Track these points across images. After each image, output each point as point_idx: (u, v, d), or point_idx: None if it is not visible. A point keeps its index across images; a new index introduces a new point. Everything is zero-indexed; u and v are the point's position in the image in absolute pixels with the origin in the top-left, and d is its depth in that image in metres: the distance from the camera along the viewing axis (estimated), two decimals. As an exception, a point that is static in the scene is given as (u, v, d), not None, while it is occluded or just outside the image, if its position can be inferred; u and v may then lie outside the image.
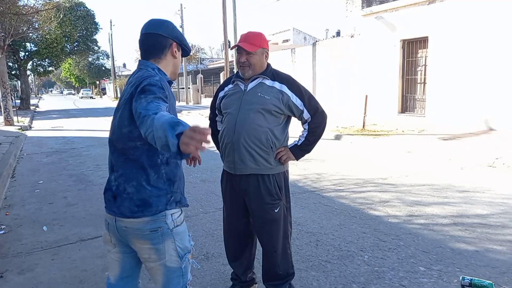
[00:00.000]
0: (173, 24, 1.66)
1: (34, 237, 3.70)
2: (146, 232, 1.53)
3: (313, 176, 5.71)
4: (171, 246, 1.57)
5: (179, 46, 1.67)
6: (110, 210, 1.60)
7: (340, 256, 3.09)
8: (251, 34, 2.20)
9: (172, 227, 1.57)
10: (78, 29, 27.14)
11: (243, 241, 2.45)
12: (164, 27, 1.61)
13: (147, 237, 1.54)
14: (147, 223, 1.53)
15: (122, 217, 1.55)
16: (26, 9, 11.59)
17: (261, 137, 2.15)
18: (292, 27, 28.83)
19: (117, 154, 1.56)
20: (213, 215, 4.14)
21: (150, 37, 1.60)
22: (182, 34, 1.67)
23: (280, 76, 2.23)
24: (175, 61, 1.66)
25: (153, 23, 1.62)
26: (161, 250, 1.56)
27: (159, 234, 1.54)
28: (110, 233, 1.64)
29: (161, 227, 1.55)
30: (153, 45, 1.60)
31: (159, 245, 1.55)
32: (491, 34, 8.86)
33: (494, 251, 3.10)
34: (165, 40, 1.60)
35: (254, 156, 2.17)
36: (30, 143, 10.26)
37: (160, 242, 1.55)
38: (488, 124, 9.09)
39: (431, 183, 5.14)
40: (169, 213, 1.57)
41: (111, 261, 1.70)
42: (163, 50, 1.60)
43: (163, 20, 1.65)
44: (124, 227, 1.57)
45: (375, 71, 12.13)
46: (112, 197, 1.58)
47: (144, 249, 1.57)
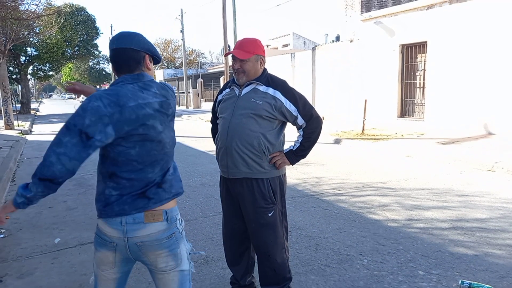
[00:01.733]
0: (143, 36, 1.63)
1: (34, 241, 3.70)
2: (164, 240, 1.55)
3: (312, 180, 5.72)
4: (184, 248, 1.63)
5: (151, 58, 1.63)
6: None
7: (339, 260, 3.09)
8: (246, 41, 2.21)
9: (181, 230, 1.64)
10: (79, 33, 27.25)
11: (242, 245, 2.46)
12: (136, 41, 1.57)
13: (165, 245, 1.56)
14: (164, 232, 1.55)
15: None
16: (27, 14, 11.64)
17: (253, 142, 2.17)
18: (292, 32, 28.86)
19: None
20: (212, 219, 4.15)
21: (122, 52, 1.55)
22: (152, 44, 1.65)
23: (274, 82, 2.24)
24: (149, 72, 1.63)
25: (124, 37, 1.57)
26: (178, 255, 1.60)
27: (174, 239, 1.58)
28: (117, 253, 1.59)
29: (174, 232, 1.59)
30: (127, 60, 1.55)
31: (176, 250, 1.59)
32: (490, 39, 8.91)
33: (493, 255, 3.10)
34: (138, 54, 1.56)
35: (247, 161, 2.19)
36: (30, 147, 10.27)
37: (177, 246, 1.59)
38: (487, 128, 9.11)
39: (430, 187, 5.15)
40: (178, 217, 1.62)
41: (104, 281, 1.65)
42: (138, 64, 1.57)
43: (133, 32, 1.61)
44: (139, 242, 1.53)
45: (374, 76, 12.17)
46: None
47: (161, 259, 1.57)
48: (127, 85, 1.52)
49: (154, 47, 1.67)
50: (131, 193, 1.53)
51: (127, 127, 1.45)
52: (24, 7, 11.33)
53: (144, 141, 1.50)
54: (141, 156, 1.51)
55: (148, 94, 1.53)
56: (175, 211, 1.61)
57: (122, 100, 1.45)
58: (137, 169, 1.52)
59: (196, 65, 36.64)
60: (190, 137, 11.35)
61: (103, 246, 1.59)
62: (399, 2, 13.37)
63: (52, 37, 21.51)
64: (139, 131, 1.48)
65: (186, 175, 6.19)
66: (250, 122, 2.17)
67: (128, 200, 1.52)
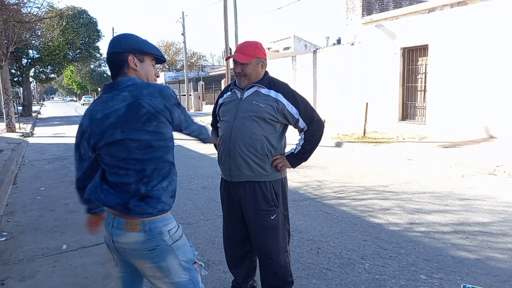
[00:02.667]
0: (132, 36, 1.58)
1: (36, 244, 3.71)
2: (145, 252, 1.52)
3: (314, 184, 5.72)
4: (174, 261, 1.54)
5: (142, 56, 1.58)
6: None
7: (341, 264, 3.09)
8: (246, 44, 2.22)
9: (171, 243, 1.54)
10: (81, 36, 27.32)
11: (242, 248, 2.45)
12: (119, 43, 1.55)
13: (147, 257, 1.53)
14: (144, 243, 1.51)
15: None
16: (29, 16, 11.69)
17: (256, 145, 2.17)
18: (293, 35, 28.89)
19: None
20: (214, 222, 4.15)
21: (109, 57, 1.57)
22: (142, 42, 1.58)
23: (276, 85, 2.25)
24: (138, 72, 1.58)
25: (112, 41, 1.57)
26: (165, 267, 1.54)
27: (158, 252, 1.52)
28: (112, 252, 1.64)
29: (159, 245, 1.52)
30: (111, 65, 1.56)
31: (160, 263, 1.53)
32: (491, 42, 8.92)
33: (495, 259, 3.10)
34: (121, 56, 1.54)
35: (250, 164, 2.19)
36: (31, 149, 10.30)
37: (162, 260, 1.53)
38: (489, 132, 9.10)
39: (432, 191, 5.14)
40: (165, 230, 1.54)
41: (114, 278, 1.72)
42: (120, 68, 1.55)
43: (122, 34, 1.59)
44: (121, 248, 1.55)
45: (376, 79, 12.18)
46: None
47: (147, 268, 1.56)
48: (103, 95, 1.57)
49: (145, 45, 1.59)
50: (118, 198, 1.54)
51: (92, 140, 1.54)
52: (26, 10, 11.39)
53: (109, 148, 1.51)
54: (112, 163, 1.52)
55: (117, 100, 1.50)
56: (159, 222, 1.53)
57: (93, 114, 1.55)
58: (115, 173, 1.53)
59: (198, 68, 36.70)
60: (191, 140, 11.35)
61: (106, 243, 1.68)
62: (400, 5, 13.40)
63: (54, 39, 21.59)
64: (103, 142, 1.52)
65: (187, 178, 6.19)
66: (253, 125, 2.18)
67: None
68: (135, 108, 1.47)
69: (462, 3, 9.51)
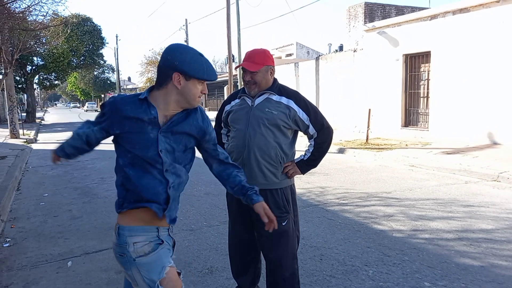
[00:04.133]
0: (179, 54, 1.54)
1: (39, 250, 3.71)
2: (117, 254, 1.56)
3: (317, 190, 5.71)
4: (138, 276, 1.52)
5: (187, 76, 1.54)
6: None
7: (344, 271, 3.08)
8: (255, 52, 2.24)
9: (135, 256, 1.51)
10: (85, 43, 27.58)
11: (248, 255, 2.45)
12: (166, 58, 1.55)
13: (119, 260, 1.57)
14: (116, 246, 1.56)
15: None
16: (34, 24, 11.82)
17: (271, 153, 2.19)
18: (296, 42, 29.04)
19: None
20: (217, 228, 4.15)
21: (158, 66, 1.60)
22: (188, 63, 1.53)
23: (286, 91, 2.27)
24: (179, 90, 1.55)
25: (163, 52, 1.58)
26: (132, 276, 1.54)
27: (125, 260, 1.53)
28: None
29: (125, 254, 1.53)
30: (160, 74, 1.58)
31: (128, 271, 1.55)
32: (493, 48, 8.93)
33: (500, 266, 3.08)
34: (167, 70, 1.55)
35: (264, 172, 2.20)
36: (35, 156, 10.34)
37: (128, 269, 1.54)
38: (492, 138, 9.07)
39: (435, 198, 5.13)
40: (130, 241, 1.52)
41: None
42: (166, 79, 1.55)
43: (172, 47, 1.58)
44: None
45: (378, 85, 12.20)
46: None
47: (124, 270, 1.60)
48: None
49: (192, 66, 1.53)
50: None
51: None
52: (32, 18, 11.51)
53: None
54: None
55: None
56: (128, 231, 1.54)
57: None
58: None
59: (200, 75, 36.81)
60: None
61: None
62: (402, 12, 13.47)
63: (59, 47, 21.78)
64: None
65: (190, 184, 6.19)
66: (267, 132, 2.19)
67: None
68: None
69: (464, 10, 9.55)
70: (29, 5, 10.13)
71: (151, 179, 1.55)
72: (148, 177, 1.55)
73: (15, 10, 10.32)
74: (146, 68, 45.46)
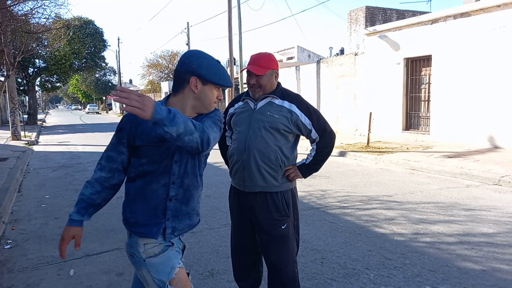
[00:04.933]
0: (197, 59, 1.57)
1: (40, 252, 3.71)
2: (129, 254, 1.62)
3: (317, 193, 5.71)
4: (148, 276, 1.56)
5: (204, 80, 1.57)
6: None
7: (345, 274, 3.07)
8: (260, 56, 2.25)
9: (145, 257, 1.55)
10: (87, 46, 27.66)
11: (250, 258, 2.44)
12: (184, 62, 1.58)
13: (131, 260, 1.63)
14: (127, 246, 1.63)
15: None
16: (37, 27, 11.87)
17: (271, 156, 2.19)
18: (297, 45, 29.04)
19: None
20: (218, 231, 4.14)
21: (175, 71, 1.61)
22: (206, 67, 1.56)
23: (289, 95, 2.28)
24: (196, 95, 1.58)
25: (181, 58, 1.62)
26: (142, 276, 1.59)
27: (135, 260, 1.59)
28: None
29: (135, 254, 1.58)
30: (176, 79, 1.60)
31: (139, 271, 1.60)
32: (494, 52, 8.94)
33: (501, 270, 3.07)
34: (184, 75, 1.57)
35: (264, 175, 2.20)
36: (36, 157, 10.35)
37: (139, 268, 1.59)
38: (493, 142, 9.07)
39: (436, 201, 5.12)
40: (141, 242, 1.58)
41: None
42: (183, 83, 1.58)
43: (190, 53, 1.61)
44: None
45: (379, 89, 12.21)
46: None
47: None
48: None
49: (209, 71, 1.56)
50: None
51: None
52: (34, 21, 11.56)
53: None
54: None
55: None
56: None
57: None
58: None
59: (201, 77, 36.90)
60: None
61: None
62: (403, 16, 13.51)
63: (61, 49, 21.85)
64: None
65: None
66: (268, 136, 2.19)
67: None
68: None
69: (465, 15, 9.57)
70: (32, 7, 10.17)
71: (151, 193, 1.59)
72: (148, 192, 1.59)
73: (18, 13, 10.37)
74: (147, 70, 45.58)
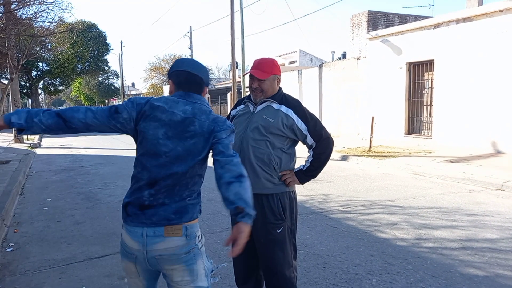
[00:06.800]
0: (208, 72, 1.83)
1: (42, 255, 3.72)
2: (182, 255, 1.60)
3: (319, 197, 5.70)
4: (201, 265, 1.66)
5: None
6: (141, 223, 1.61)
7: (348, 279, 3.06)
8: (264, 61, 2.29)
9: (200, 246, 1.67)
10: (90, 49, 27.83)
11: (250, 262, 2.44)
12: (205, 73, 1.75)
13: (183, 260, 1.61)
14: (182, 247, 1.60)
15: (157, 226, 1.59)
16: (40, 31, 11.95)
17: (264, 158, 2.21)
18: (299, 49, 29.08)
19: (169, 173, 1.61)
20: (219, 235, 4.14)
21: (193, 78, 1.72)
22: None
23: (288, 101, 2.31)
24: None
25: (199, 66, 1.75)
26: (194, 270, 1.63)
27: (192, 255, 1.63)
28: (138, 265, 1.66)
29: (193, 248, 1.63)
30: (194, 84, 1.72)
31: (193, 265, 1.63)
32: (497, 57, 8.93)
33: (504, 276, 3.05)
34: (202, 83, 1.74)
35: (258, 176, 2.22)
36: (39, 160, 10.39)
37: (194, 262, 1.63)
38: (496, 147, 9.04)
39: (439, 206, 5.10)
40: (197, 234, 1.66)
41: (134, 285, 1.74)
42: (199, 89, 1.74)
43: (204, 66, 1.81)
44: (157, 255, 1.60)
45: (381, 93, 12.21)
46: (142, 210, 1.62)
47: (177, 273, 1.62)
48: (173, 98, 1.70)
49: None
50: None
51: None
52: (38, 24, 11.64)
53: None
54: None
55: (180, 108, 1.65)
56: (195, 227, 1.66)
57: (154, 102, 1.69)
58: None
59: (204, 81, 37.06)
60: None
61: (125, 256, 1.68)
62: (406, 21, 13.53)
63: (64, 52, 21.97)
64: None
65: (193, 191, 6.19)
66: (262, 138, 2.23)
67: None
68: (188, 122, 1.62)
69: (467, 19, 9.58)
70: (36, 11, 10.25)
71: None
72: None
73: (22, 17, 10.44)
74: (150, 74, 45.69)
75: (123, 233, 1.66)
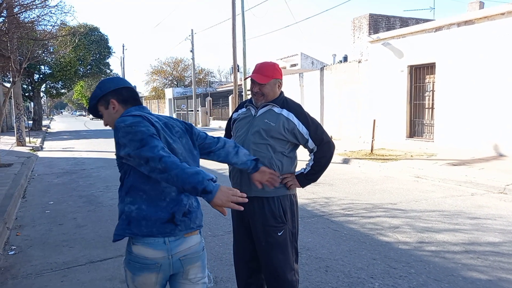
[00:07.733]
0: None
1: (44, 258, 3.72)
2: (200, 252, 1.73)
3: (321, 200, 5.69)
4: (205, 262, 1.77)
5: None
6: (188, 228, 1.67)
7: (350, 283, 3.05)
8: (265, 65, 2.29)
9: (203, 245, 1.77)
10: (92, 53, 27.89)
11: (251, 265, 2.44)
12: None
13: (201, 257, 1.73)
14: (199, 244, 1.72)
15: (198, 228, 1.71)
16: (43, 34, 11.99)
17: (265, 161, 2.21)
18: (300, 52, 29.14)
19: None
20: (221, 238, 4.14)
21: (134, 90, 1.82)
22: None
23: (289, 105, 2.31)
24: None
25: (126, 80, 1.85)
26: (204, 266, 1.75)
27: (204, 252, 1.77)
28: (160, 273, 1.62)
29: (204, 245, 1.76)
30: (138, 96, 1.83)
31: (205, 261, 1.76)
32: (498, 60, 8.93)
33: (507, 280, 3.04)
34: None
35: None
36: (41, 163, 10.41)
37: (205, 258, 1.76)
38: (498, 150, 9.02)
39: (441, 209, 5.09)
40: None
41: None
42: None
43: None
44: (182, 257, 1.65)
45: (383, 96, 12.21)
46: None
47: (193, 269, 1.70)
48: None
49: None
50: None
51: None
52: (40, 28, 11.68)
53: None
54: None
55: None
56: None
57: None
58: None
59: (205, 84, 37.17)
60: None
61: (144, 269, 1.60)
62: (407, 24, 13.53)
63: (66, 56, 22.02)
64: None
65: (194, 194, 6.19)
66: (263, 142, 2.23)
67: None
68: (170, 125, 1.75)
69: (469, 22, 9.58)
70: (38, 15, 10.28)
71: None
72: None
73: (24, 20, 10.49)
74: (151, 77, 45.88)
75: (138, 248, 1.59)
